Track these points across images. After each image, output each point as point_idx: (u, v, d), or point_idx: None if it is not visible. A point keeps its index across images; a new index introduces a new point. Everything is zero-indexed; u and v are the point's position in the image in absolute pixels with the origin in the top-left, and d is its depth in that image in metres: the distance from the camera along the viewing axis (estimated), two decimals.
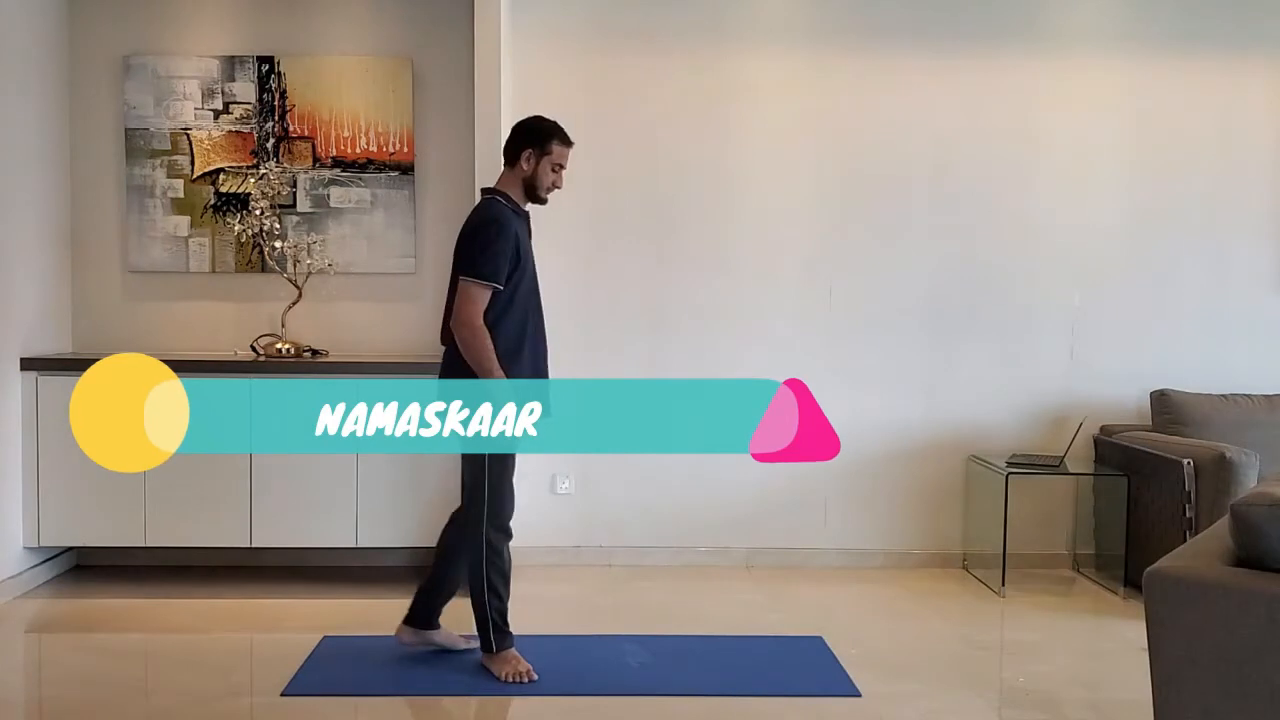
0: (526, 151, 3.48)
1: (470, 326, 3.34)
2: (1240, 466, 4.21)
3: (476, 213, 3.47)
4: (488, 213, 3.43)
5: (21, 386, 4.40)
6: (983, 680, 3.64)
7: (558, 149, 3.52)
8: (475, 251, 3.36)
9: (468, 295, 3.35)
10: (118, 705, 3.26)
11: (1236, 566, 2.36)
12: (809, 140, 4.96)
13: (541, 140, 3.49)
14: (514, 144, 3.52)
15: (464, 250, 3.39)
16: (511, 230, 3.39)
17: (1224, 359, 5.05)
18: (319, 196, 4.87)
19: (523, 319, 3.45)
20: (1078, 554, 5.07)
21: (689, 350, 4.96)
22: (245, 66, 4.83)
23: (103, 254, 4.87)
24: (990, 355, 5.02)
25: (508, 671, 3.44)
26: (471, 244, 3.38)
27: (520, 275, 3.42)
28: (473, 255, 3.36)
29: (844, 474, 5.01)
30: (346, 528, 4.47)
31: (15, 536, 4.38)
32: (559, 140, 3.52)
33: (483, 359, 3.34)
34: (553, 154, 3.51)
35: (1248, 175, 5.05)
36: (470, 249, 3.37)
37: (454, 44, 4.85)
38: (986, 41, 4.96)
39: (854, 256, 4.99)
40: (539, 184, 3.51)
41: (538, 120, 3.54)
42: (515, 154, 3.51)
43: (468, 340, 3.35)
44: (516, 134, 3.53)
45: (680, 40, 4.92)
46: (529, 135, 3.50)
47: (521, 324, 3.45)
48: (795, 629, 4.07)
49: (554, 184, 3.55)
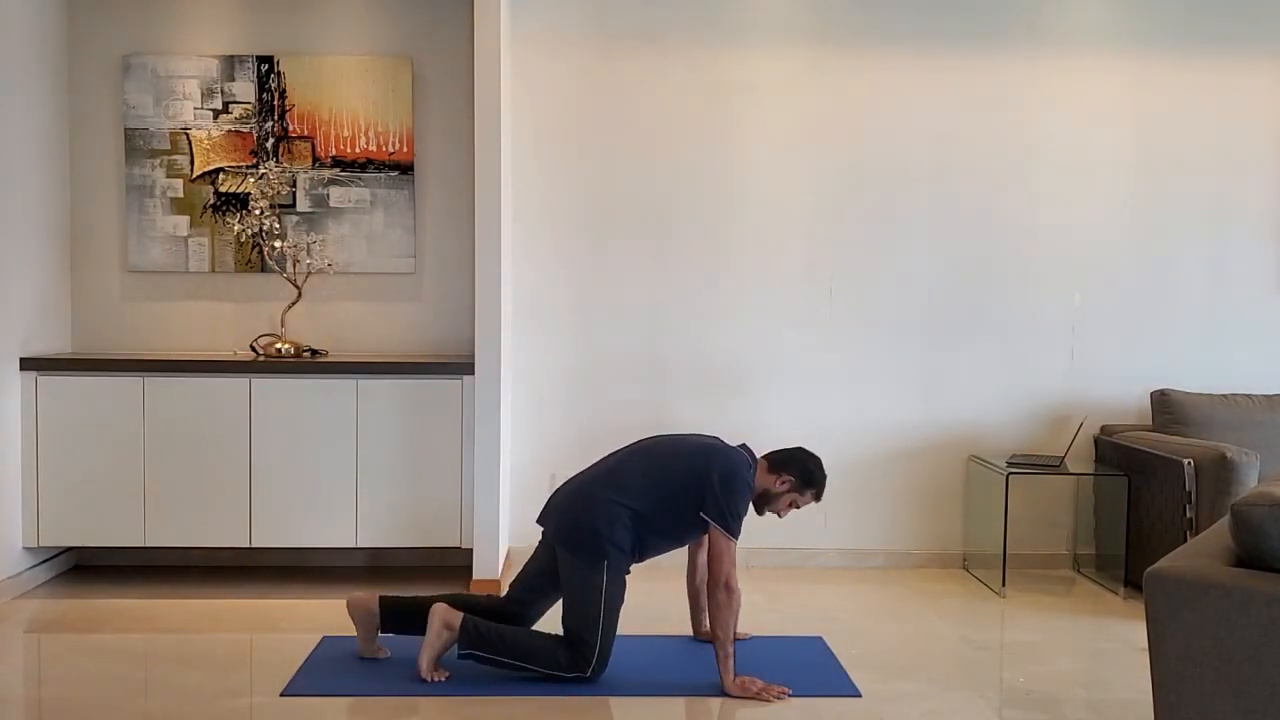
0: (789, 479, 3.60)
1: (732, 589, 3.40)
2: (1240, 466, 4.21)
3: (737, 465, 3.52)
4: (745, 474, 3.53)
5: (21, 386, 4.40)
6: (983, 680, 3.64)
7: (806, 499, 3.66)
8: (735, 511, 3.45)
9: (730, 555, 3.43)
10: (117, 705, 3.25)
11: (1236, 566, 2.36)
12: (809, 140, 4.96)
13: (805, 484, 3.63)
14: (786, 463, 3.64)
15: (726, 501, 3.44)
16: None
17: (1224, 359, 5.05)
18: (318, 196, 4.86)
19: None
20: (1078, 554, 5.07)
21: (689, 350, 4.96)
22: (245, 66, 4.83)
23: (102, 254, 4.87)
24: (990, 355, 5.02)
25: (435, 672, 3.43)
26: (732, 498, 3.45)
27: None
28: (734, 513, 3.45)
29: (844, 474, 5.00)
30: (346, 528, 4.47)
31: (15, 536, 4.38)
32: (814, 495, 3.66)
33: (732, 627, 3.42)
34: (801, 499, 3.65)
35: (1248, 175, 5.05)
36: (731, 503, 3.44)
37: (454, 44, 4.85)
38: (986, 41, 4.96)
39: (854, 256, 4.99)
40: (770, 504, 3.64)
41: (818, 467, 3.66)
42: (780, 470, 3.62)
43: (724, 604, 3.39)
44: (795, 460, 3.65)
45: (680, 40, 4.92)
46: (802, 472, 3.63)
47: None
48: (795, 629, 4.07)
49: (778, 512, 3.67)
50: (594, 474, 3.61)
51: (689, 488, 3.46)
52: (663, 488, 3.48)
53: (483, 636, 3.41)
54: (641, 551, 3.52)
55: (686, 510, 3.47)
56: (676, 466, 3.52)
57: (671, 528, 3.53)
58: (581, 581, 3.43)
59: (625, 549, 3.45)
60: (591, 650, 3.38)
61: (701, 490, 3.44)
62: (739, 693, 3.34)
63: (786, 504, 3.65)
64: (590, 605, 3.40)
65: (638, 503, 3.45)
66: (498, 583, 4.44)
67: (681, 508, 3.47)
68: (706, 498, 3.44)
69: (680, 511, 3.48)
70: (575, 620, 3.43)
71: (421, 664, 3.41)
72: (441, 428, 4.46)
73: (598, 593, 3.40)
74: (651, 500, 3.46)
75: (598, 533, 3.41)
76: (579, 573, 3.43)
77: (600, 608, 3.39)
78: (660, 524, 3.49)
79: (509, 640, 3.43)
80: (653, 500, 3.46)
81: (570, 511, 3.52)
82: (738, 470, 3.51)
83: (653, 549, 3.56)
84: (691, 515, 3.47)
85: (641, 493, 3.46)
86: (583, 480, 3.61)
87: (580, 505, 3.50)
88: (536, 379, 4.93)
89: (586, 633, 3.39)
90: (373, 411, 4.45)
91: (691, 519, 3.48)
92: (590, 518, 3.44)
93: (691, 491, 3.46)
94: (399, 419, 4.45)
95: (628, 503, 3.45)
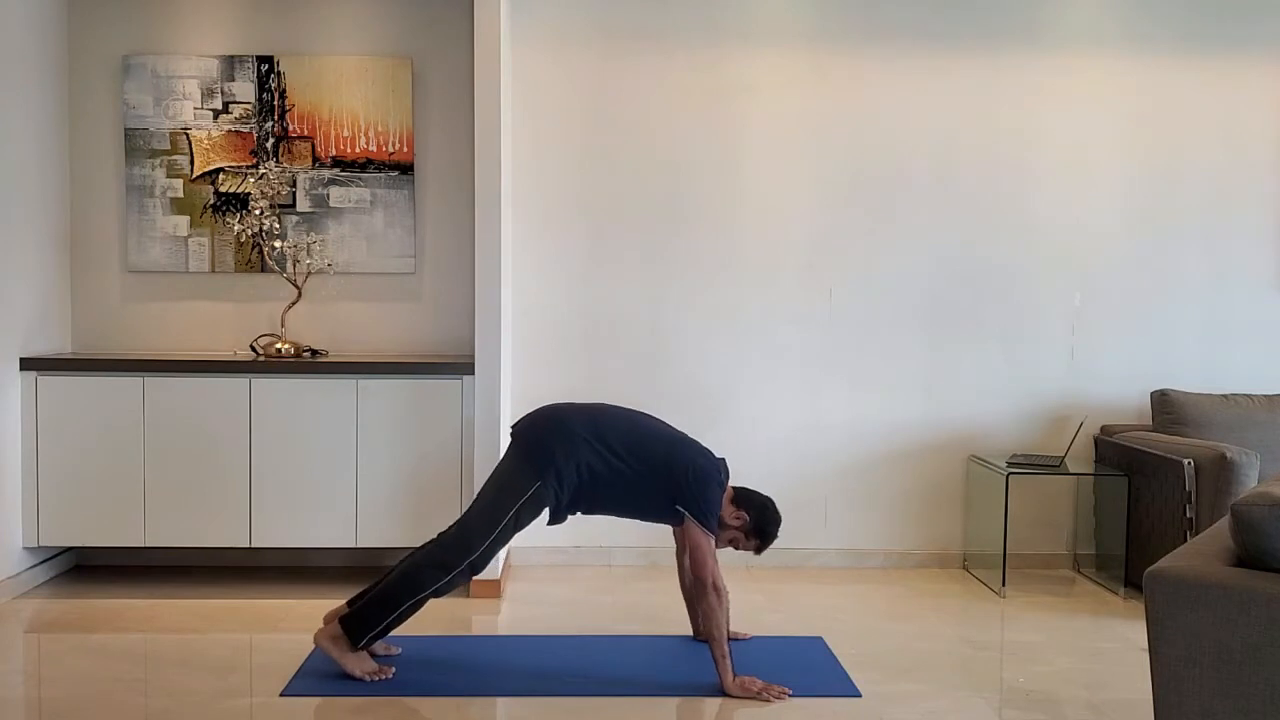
0: (744, 518, 3.62)
1: (720, 590, 3.41)
2: (1240, 466, 4.21)
3: (713, 467, 3.55)
4: (718, 479, 3.54)
5: (21, 386, 4.40)
6: (983, 680, 3.64)
7: (749, 545, 3.66)
8: (710, 508, 3.47)
9: (712, 551, 3.44)
10: (117, 705, 3.26)
11: (1236, 566, 2.36)
12: (809, 140, 4.96)
13: (757, 532, 3.63)
14: (750, 503, 3.64)
15: (700, 495, 3.46)
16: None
17: (1224, 359, 5.05)
18: (318, 196, 4.86)
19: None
20: (1078, 554, 5.07)
21: (689, 349, 4.96)
22: (245, 66, 4.83)
23: (102, 254, 4.87)
24: (990, 355, 5.02)
25: (367, 670, 3.43)
26: (706, 493, 3.46)
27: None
28: (710, 509, 3.46)
29: (844, 474, 5.01)
30: (346, 528, 4.47)
31: (15, 536, 4.38)
32: (758, 546, 3.67)
33: (726, 626, 3.43)
34: (745, 542, 3.66)
35: (1248, 175, 5.04)
36: (706, 498, 3.46)
37: (454, 44, 4.85)
38: (986, 41, 4.96)
39: (854, 256, 4.99)
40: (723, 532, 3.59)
41: (776, 525, 3.67)
42: (741, 505, 3.63)
43: (715, 606, 3.38)
44: (759, 506, 3.65)
45: (680, 40, 4.92)
46: (760, 519, 3.63)
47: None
48: (795, 629, 4.07)
49: (726, 543, 3.63)
50: (583, 410, 3.64)
51: (659, 470, 3.48)
52: (634, 455, 3.48)
53: (363, 619, 3.42)
54: (575, 502, 3.52)
55: (646, 489, 3.48)
56: (657, 446, 3.53)
57: (624, 495, 3.52)
58: (506, 484, 3.47)
59: (563, 486, 3.45)
60: (469, 554, 3.40)
61: (673, 477, 3.46)
62: (739, 693, 3.34)
63: (727, 539, 3.63)
64: (497, 510, 3.42)
65: (604, 456, 3.46)
66: (497, 583, 4.44)
67: (643, 482, 3.48)
68: (682, 488, 3.45)
69: (639, 484, 3.48)
70: (473, 518, 3.45)
71: (354, 674, 3.41)
72: (441, 428, 4.46)
73: (512, 502, 3.42)
74: (619, 460, 3.47)
75: (552, 455, 3.44)
76: (509, 476, 3.48)
77: (503, 520, 3.41)
78: (614, 488, 3.49)
79: (388, 596, 3.42)
80: (620, 460, 3.47)
81: (544, 426, 3.55)
82: (712, 473, 3.53)
83: (593, 506, 3.57)
84: (651, 497, 3.49)
85: (613, 449, 3.47)
86: (570, 410, 3.64)
87: (553, 426, 3.53)
88: (536, 379, 4.93)
89: (475, 538, 3.41)
90: (373, 411, 4.45)
91: (649, 500, 3.50)
92: (554, 440, 3.47)
93: (661, 473, 3.47)
94: (399, 419, 4.45)
95: (595, 450, 3.46)
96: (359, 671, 3.42)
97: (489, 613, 4.27)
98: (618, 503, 3.58)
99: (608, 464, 3.47)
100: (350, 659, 3.43)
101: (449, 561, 3.42)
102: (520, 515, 3.45)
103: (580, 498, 3.52)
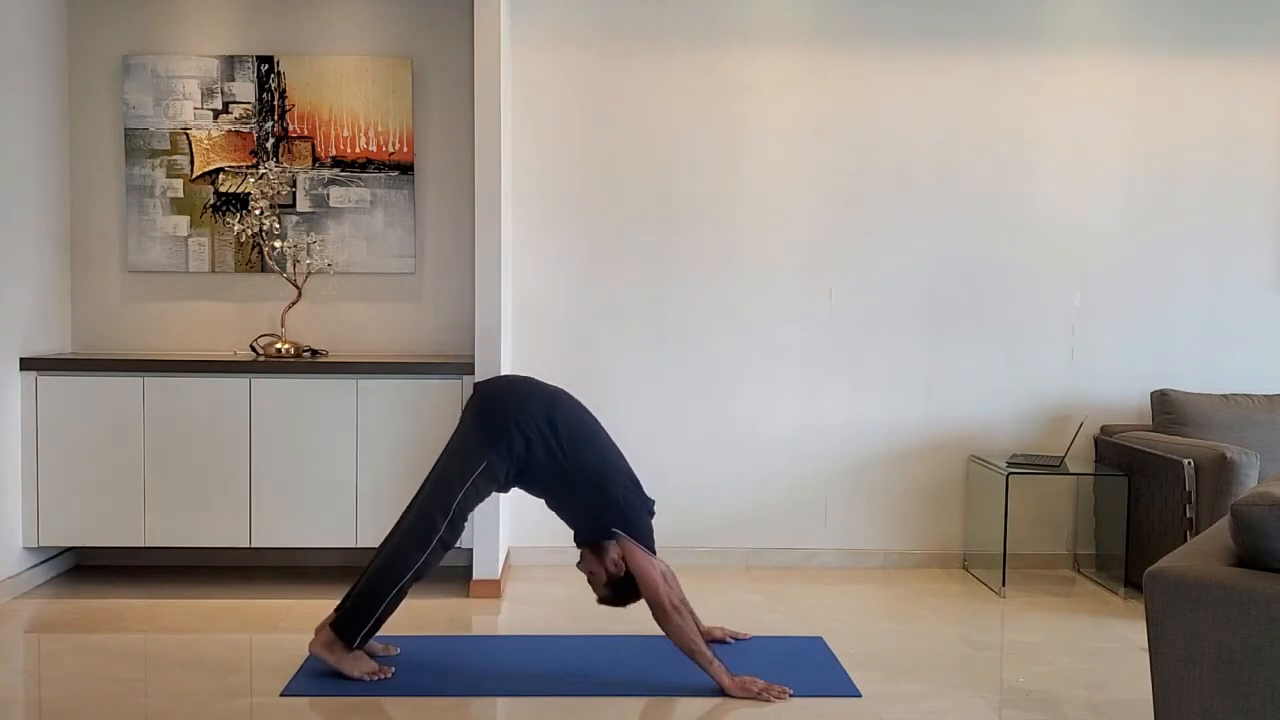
0: (619, 570, 3.50)
1: (680, 608, 3.39)
2: (1240, 466, 4.21)
3: (638, 495, 3.56)
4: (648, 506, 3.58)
5: (21, 386, 4.40)
6: (983, 680, 3.64)
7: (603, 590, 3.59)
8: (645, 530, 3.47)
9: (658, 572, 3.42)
10: (117, 705, 3.26)
11: (1236, 566, 2.36)
12: (809, 140, 4.96)
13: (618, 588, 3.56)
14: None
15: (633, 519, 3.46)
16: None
17: (1224, 359, 5.05)
18: (318, 196, 4.86)
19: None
20: (1078, 554, 5.07)
21: (689, 350, 4.96)
22: (245, 66, 4.83)
23: (102, 254, 4.87)
24: (990, 355, 5.02)
25: (366, 670, 3.43)
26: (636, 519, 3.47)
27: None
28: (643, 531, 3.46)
29: (844, 474, 5.01)
30: (346, 528, 4.47)
31: (15, 536, 4.38)
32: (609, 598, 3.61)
33: (698, 635, 3.43)
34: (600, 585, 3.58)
35: (1248, 175, 5.04)
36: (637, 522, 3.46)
37: (454, 44, 4.85)
38: (986, 41, 4.96)
39: (854, 256, 4.99)
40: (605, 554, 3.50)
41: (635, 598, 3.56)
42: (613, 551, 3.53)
43: (680, 624, 3.36)
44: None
45: (680, 41, 4.92)
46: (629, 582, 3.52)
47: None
48: (795, 629, 4.07)
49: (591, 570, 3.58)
50: (543, 390, 3.63)
51: (590, 478, 3.47)
52: (574, 451, 3.48)
53: (352, 618, 3.43)
54: (519, 476, 3.52)
55: (573, 488, 3.49)
56: (590, 453, 3.52)
57: (552, 483, 3.52)
58: (460, 456, 3.47)
59: (512, 459, 3.45)
60: (436, 532, 3.41)
61: (606, 495, 3.45)
62: (740, 693, 3.34)
63: (591, 570, 3.57)
64: (453, 484, 3.43)
65: (548, 441, 3.46)
66: (497, 583, 4.44)
67: (572, 480, 3.48)
68: (615, 510, 3.44)
69: (568, 481, 3.48)
70: (433, 497, 3.45)
71: (353, 676, 3.41)
72: (441, 428, 4.44)
73: (467, 473, 3.43)
74: (560, 450, 3.46)
75: (508, 427, 3.44)
76: (462, 446, 3.49)
77: (459, 493, 3.42)
78: (548, 475, 3.49)
79: (371, 591, 3.43)
80: (560, 451, 3.46)
81: (504, 397, 3.55)
82: (641, 507, 3.54)
83: (531, 486, 3.58)
84: (576, 499, 3.49)
85: (558, 438, 3.47)
86: (532, 386, 3.64)
87: (512, 402, 3.53)
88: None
89: (438, 515, 3.42)
90: (373, 411, 4.45)
91: (574, 501, 3.51)
92: (510, 413, 3.48)
93: (593, 482, 3.47)
94: (399, 419, 4.45)
95: (541, 433, 3.46)
96: (358, 672, 3.42)
97: (489, 613, 4.27)
98: (546, 490, 3.58)
99: (549, 450, 3.47)
100: (347, 661, 3.43)
101: (419, 542, 3.43)
102: (478, 485, 3.46)
103: (522, 474, 3.53)
